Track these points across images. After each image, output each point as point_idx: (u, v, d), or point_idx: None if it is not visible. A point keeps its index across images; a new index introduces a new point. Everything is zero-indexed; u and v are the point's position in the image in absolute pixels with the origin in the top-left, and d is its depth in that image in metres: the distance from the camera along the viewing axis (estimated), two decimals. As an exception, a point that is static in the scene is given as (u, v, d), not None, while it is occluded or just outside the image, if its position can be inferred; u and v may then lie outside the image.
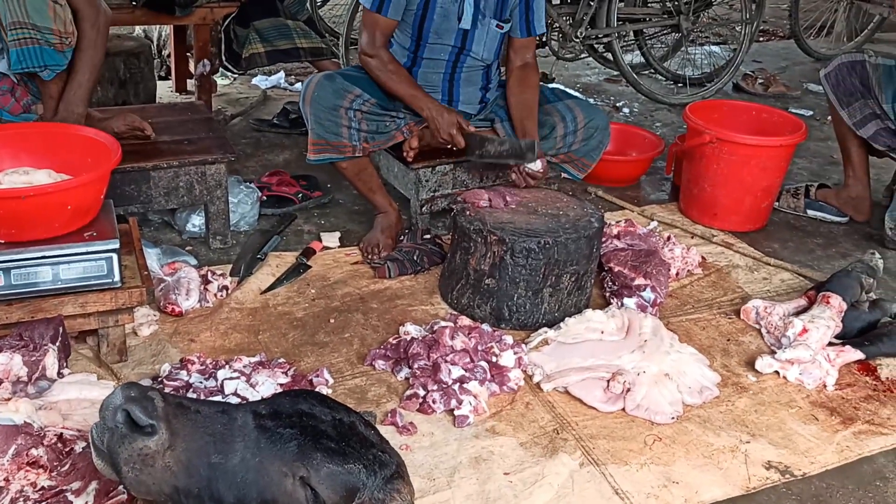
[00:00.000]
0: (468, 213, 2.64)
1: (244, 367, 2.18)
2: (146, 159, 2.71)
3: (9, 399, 1.81)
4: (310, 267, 2.88)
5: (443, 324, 2.43)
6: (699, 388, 2.29)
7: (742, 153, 3.20)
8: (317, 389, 2.15)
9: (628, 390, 2.22)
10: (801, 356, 2.37)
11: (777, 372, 2.42)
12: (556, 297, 2.58)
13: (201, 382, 2.11)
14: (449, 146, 2.78)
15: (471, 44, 2.83)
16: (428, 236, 3.03)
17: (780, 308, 2.62)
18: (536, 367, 2.34)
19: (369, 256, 2.89)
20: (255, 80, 4.89)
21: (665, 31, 5.23)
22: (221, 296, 2.62)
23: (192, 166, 2.80)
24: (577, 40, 4.59)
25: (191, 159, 2.78)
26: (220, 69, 4.32)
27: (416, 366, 2.25)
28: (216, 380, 2.11)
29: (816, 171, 4.11)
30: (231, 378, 2.10)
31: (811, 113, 4.98)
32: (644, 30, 5.10)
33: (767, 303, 2.67)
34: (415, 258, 2.88)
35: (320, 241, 3.04)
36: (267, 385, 2.09)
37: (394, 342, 2.40)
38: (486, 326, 2.45)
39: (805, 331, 2.42)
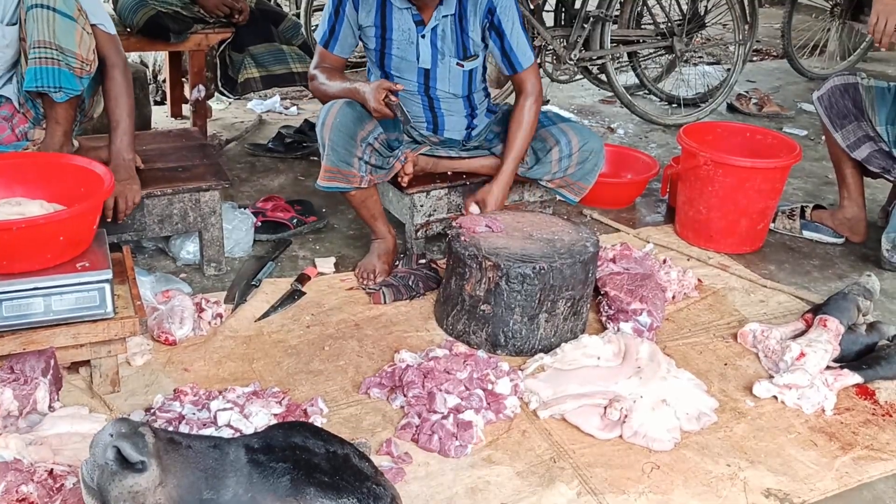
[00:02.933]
0: (463, 238, 2.62)
1: (237, 397, 2.17)
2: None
3: None
4: (304, 293, 2.87)
5: (438, 351, 2.42)
6: (697, 414, 2.28)
7: (737, 175, 3.18)
8: (311, 419, 2.15)
9: (626, 417, 2.20)
10: (799, 381, 2.36)
11: (775, 397, 2.38)
12: (552, 323, 2.56)
13: (194, 414, 2.09)
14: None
15: (434, 81, 2.86)
16: (423, 261, 3.02)
17: (777, 332, 2.60)
18: (533, 394, 2.32)
19: (364, 282, 2.89)
20: (250, 105, 4.88)
21: (659, 53, 5.25)
22: (215, 324, 2.61)
23: (185, 193, 2.79)
24: (572, 62, 4.62)
25: (184, 186, 2.78)
26: (216, 94, 4.35)
27: (410, 394, 2.23)
28: (209, 411, 2.10)
29: (812, 191, 4.08)
30: (224, 409, 2.08)
31: (805, 133, 4.95)
32: (638, 51, 5.14)
33: (765, 326, 2.65)
34: (410, 283, 2.87)
35: (315, 266, 3.02)
36: (260, 416, 2.07)
37: (389, 370, 2.37)
38: (481, 353, 2.44)
39: (803, 355, 2.41)
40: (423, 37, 2.79)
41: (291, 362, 2.47)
